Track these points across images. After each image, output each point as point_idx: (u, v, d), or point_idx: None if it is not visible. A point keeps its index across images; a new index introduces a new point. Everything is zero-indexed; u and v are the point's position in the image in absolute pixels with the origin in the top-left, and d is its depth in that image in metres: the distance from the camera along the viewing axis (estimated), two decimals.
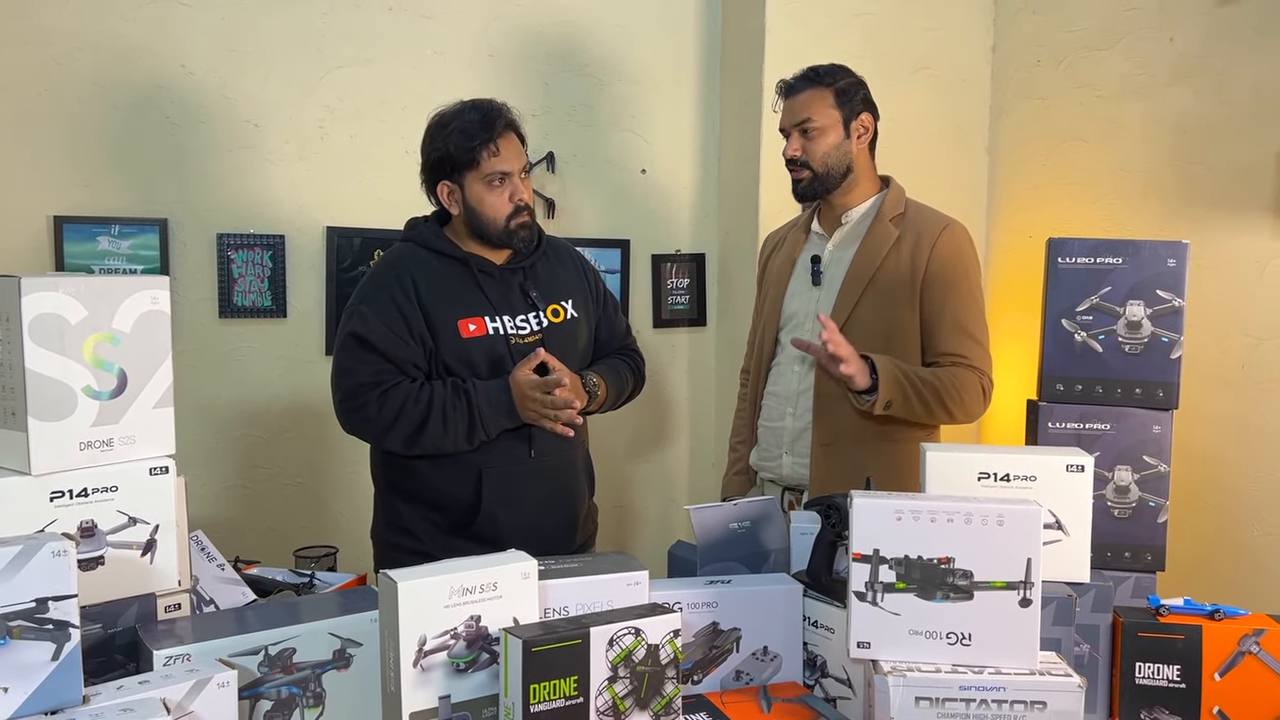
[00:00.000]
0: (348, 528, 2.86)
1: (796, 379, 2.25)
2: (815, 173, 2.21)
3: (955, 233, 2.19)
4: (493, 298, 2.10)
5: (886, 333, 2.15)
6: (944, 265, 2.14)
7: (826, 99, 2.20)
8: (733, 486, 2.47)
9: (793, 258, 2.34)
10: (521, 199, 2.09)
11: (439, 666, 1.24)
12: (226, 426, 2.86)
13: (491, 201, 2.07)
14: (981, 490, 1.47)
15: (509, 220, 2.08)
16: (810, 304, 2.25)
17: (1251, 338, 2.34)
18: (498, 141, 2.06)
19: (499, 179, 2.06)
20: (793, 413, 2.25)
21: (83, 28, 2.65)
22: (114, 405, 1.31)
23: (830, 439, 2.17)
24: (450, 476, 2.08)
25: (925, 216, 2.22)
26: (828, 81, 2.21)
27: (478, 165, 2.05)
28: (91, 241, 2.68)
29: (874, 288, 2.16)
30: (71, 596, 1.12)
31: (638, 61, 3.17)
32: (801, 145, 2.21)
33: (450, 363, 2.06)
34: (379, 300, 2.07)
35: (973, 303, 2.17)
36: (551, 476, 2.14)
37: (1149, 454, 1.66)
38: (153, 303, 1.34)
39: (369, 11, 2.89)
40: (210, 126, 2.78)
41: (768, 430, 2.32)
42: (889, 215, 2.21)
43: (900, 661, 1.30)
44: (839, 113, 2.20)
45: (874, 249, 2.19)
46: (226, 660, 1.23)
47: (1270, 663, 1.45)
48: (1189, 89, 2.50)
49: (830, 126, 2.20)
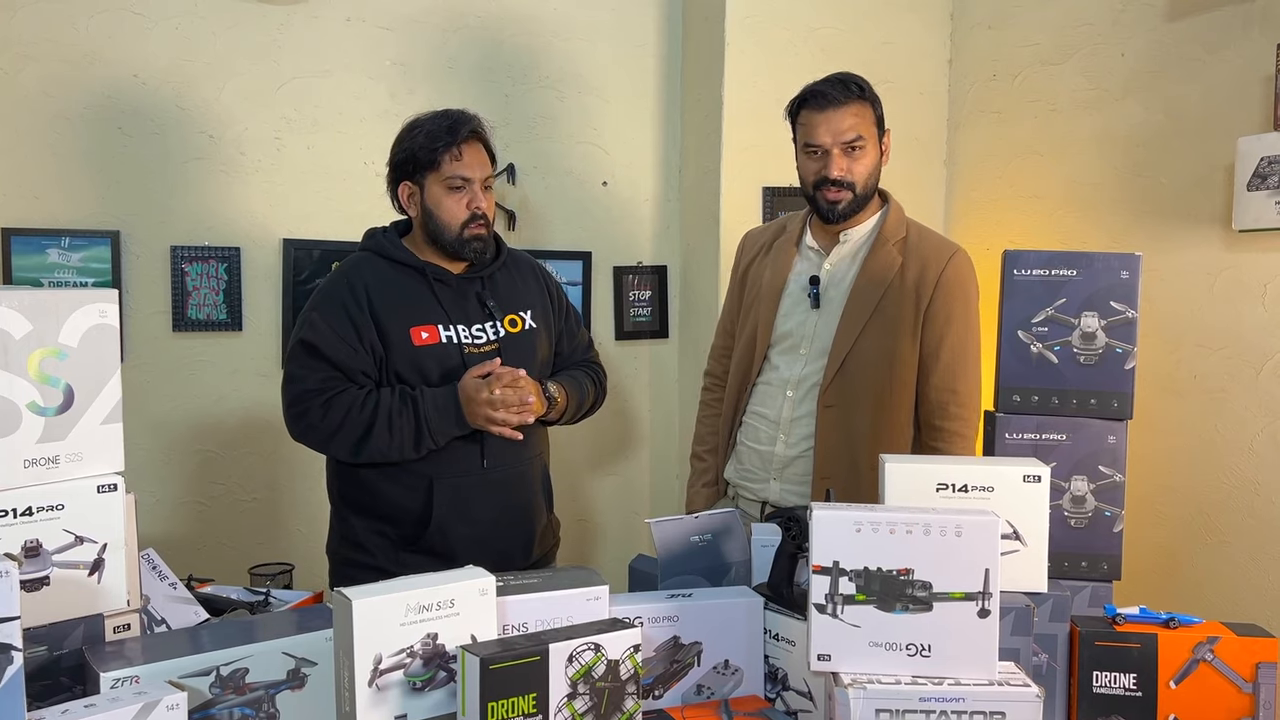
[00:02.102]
0: (305, 544, 2.82)
1: (790, 405, 2.19)
2: (857, 195, 2.11)
3: (960, 261, 2.14)
4: (447, 307, 2.09)
5: (889, 363, 2.12)
6: (948, 297, 2.11)
7: (869, 115, 2.10)
8: (699, 500, 2.38)
9: (784, 274, 2.25)
10: (479, 207, 2.08)
11: (395, 685, 1.22)
12: (181, 442, 2.81)
13: (449, 206, 2.07)
14: (940, 501, 1.47)
15: (464, 227, 2.07)
16: (808, 327, 2.19)
17: (1203, 348, 2.38)
18: (461, 146, 2.06)
19: (459, 183, 2.06)
20: (785, 440, 2.19)
21: (32, 36, 2.61)
22: (60, 421, 1.28)
23: (828, 473, 2.13)
24: (401, 487, 2.06)
25: (929, 243, 2.16)
26: (870, 95, 2.11)
27: (438, 167, 2.05)
28: (41, 254, 2.62)
29: (879, 316, 2.11)
30: (14, 619, 1.08)
31: (599, 74, 3.17)
32: (849, 165, 2.09)
33: (402, 371, 2.05)
34: (330, 308, 2.06)
35: (971, 339, 2.14)
36: (505, 488, 2.12)
37: (1104, 464, 1.67)
38: (101, 316, 1.31)
39: (326, 22, 2.87)
40: (164, 137, 2.74)
41: (753, 451, 2.25)
42: (891, 239, 2.14)
43: (861, 673, 1.30)
44: (877, 130, 2.13)
45: (878, 276, 2.12)
46: (176, 682, 1.21)
47: (1224, 670, 1.47)
48: (1140, 103, 2.54)
49: (871, 145, 2.10)
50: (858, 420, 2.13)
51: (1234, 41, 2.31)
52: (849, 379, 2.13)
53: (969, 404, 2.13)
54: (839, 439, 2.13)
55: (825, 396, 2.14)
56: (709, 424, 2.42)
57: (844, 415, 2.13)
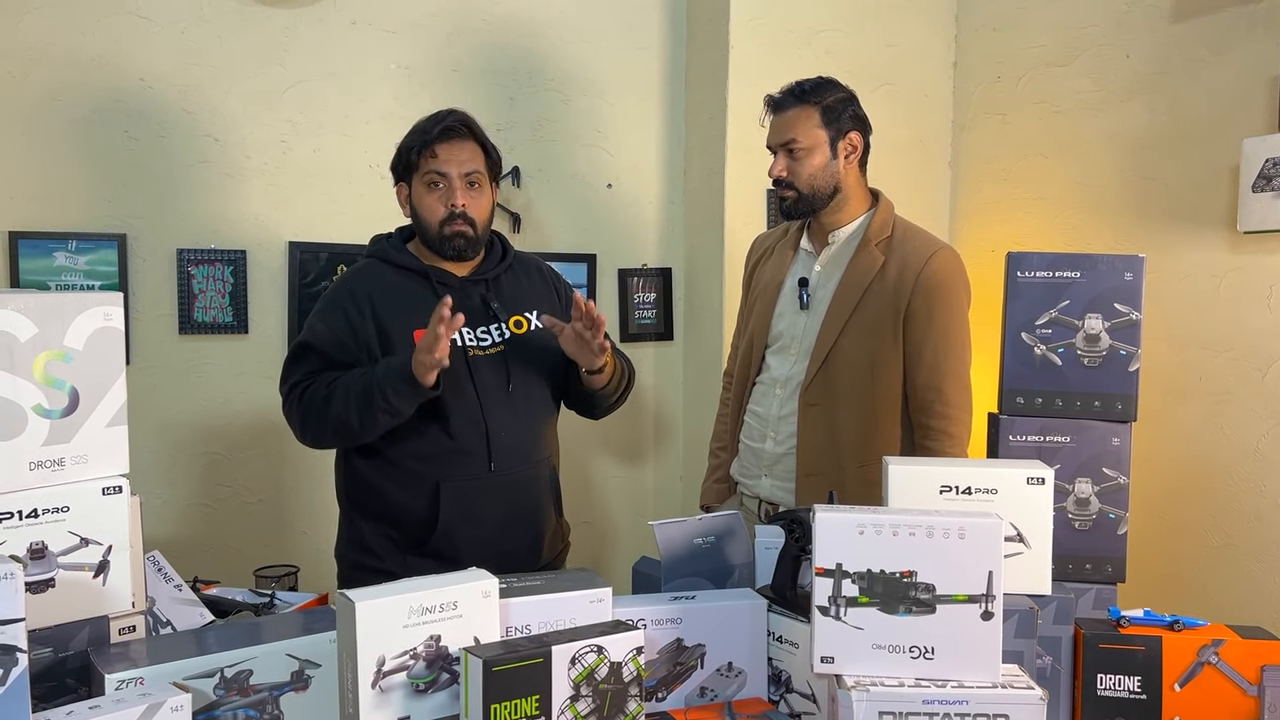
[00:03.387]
0: (310, 546, 2.83)
1: (778, 403, 2.24)
2: (801, 193, 2.18)
3: (940, 261, 2.14)
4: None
5: (870, 363, 2.14)
6: (927, 297, 2.11)
7: (813, 118, 2.16)
8: (711, 495, 2.45)
9: (780, 275, 2.31)
10: (456, 204, 2.05)
11: (398, 687, 1.23)
12: (187, 444, 2.82)
13: (428, 204, 2.07)
14: (943, 503, 1.47)
15: (443, 225, 2.06)
16: (797, 328, 2.23)
17: (1208, 350, 2.38)
18: (436, 144, 2.05)
19: (435, 179, 2.06)
20: (774, 437, 2.24)
21: (39, 40, 2.62)
22: (65, 424, 1.29)
23: (813, 470, 2.17)
24: (407, 490, 2.06)
25: (912, 243, 2.18)
26: (814, 99, 2.16)
27: (417, 167, 2.07)
28: (48, 257, 2.63)
29: (858, 317, 2.14)
30: (19, 620, 1.09)
31: (603, 76, 3.18)
32: (787, 165, 2.17)
33: None
34: (329, 312, 2.07)
35: (954, 338, 2.13)
36: (512, 491, 2.11)
37: (1109, 466, 1.67)
38: (106, 319, 1.32)
39: (332, 25, 2.87)
40: (170, 141, 2.75)
41: (748, 449, 2.32)
42: (874, 239, 2.17)
43: (864, 676, 1.30)
44: (825, 132, 2.16)
45: (858, 276, 2.16)
46: (180, 683, 1.21)
47: (1229, 673, 1.46)
48: (1145, 105, 2.54)
49: (816, 146, 2.16)
50: (840, 418, 2.16)
51: (1239, 43, 2.31)
52: (830, 378, 2.17)
53: (955, 402, 2.14)
54: (822, 436, 2.17)
55: (807, 395, 2.19)
56: (725, 423, 2.47)
57: (826, 413, 2.17)
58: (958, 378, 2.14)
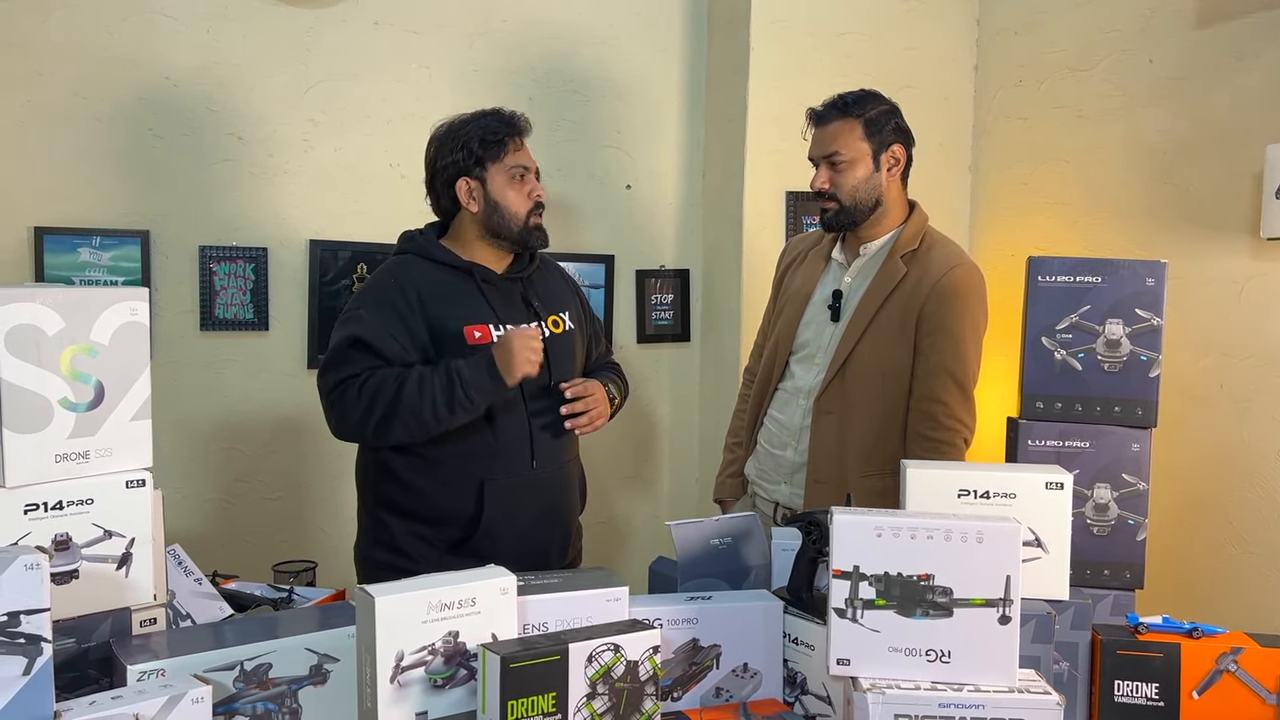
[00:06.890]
0: (328, 542, 2.85)
1: (800, 414, 2.24)
2: (843, 205, 2.18)
3: (959, 276, 2.12)
4: (496, 307, 2.09)
5: (881, 373, 2.14)
6: (938, 308, 2.10)
7: (855, 130, 2.16)
8: (725, 489, 2.45)
9: (811, 284, 2.31)
10: (539, 196, 2.12)
11: (416, 683, 1.23)
12: (207, 439, 2.84)
13: (513, 196, 2.09)
14: (961, 507, 1.47)
15: (528, 216, 2.10)
16: (824, 338, 2.23)
17: (1230, 357, 2.36)
18: (521, 138, 2.12)
19: (521, 173, 2.10)
20: (795, 446, 2.24)
21: (65, 39, 2.65)
22: (91, 417, 1.30)
23: (821, 476, 2.17)
24: (451, 489, 2.05)
25: (936, 256, 2.17)
26: (856, 112, 2.16)
27: (502, 158, 2.08)
28: (72, 253, 2.66)
29: (874, 326, 2.14)
30: (44, 610, 1.11)
31: (623, 77, 3.18)
32: (830, 177, 2.17)
33: None
34: (379, 308, 2.04)
35: (963, 351, 2.11)
36: (550, 489, 2.13)
37: (1128, 472, 1.66)
38: (131, 314, 1.33)
39: (355, 25, 2.89)
40: (193, 139, 2.77)
41: (769, 455, 2.31)
42: (901, 251, 2.17)
43: (880, 679, 1.30)
44: (868, 145, 2.16)
45: (881, 287, 2.16)
46: (201, 676, 1.22)
47: (1248, 681, 1.46)
48: (1168, 110, 2.52)
49: (859, 159, 2.16)
50: (851, 426, 2.16)
51: (1263, 49, 2.29)
52: (845, 386, 2.17)
53: (957, 416, 2.11)
54: (834, 444, 2.16)
55: (821, 402, 2.19)
56: (741, 418, 2.47)
57: (841, 422, 2.17)
58: (963, 392, 2.12)
